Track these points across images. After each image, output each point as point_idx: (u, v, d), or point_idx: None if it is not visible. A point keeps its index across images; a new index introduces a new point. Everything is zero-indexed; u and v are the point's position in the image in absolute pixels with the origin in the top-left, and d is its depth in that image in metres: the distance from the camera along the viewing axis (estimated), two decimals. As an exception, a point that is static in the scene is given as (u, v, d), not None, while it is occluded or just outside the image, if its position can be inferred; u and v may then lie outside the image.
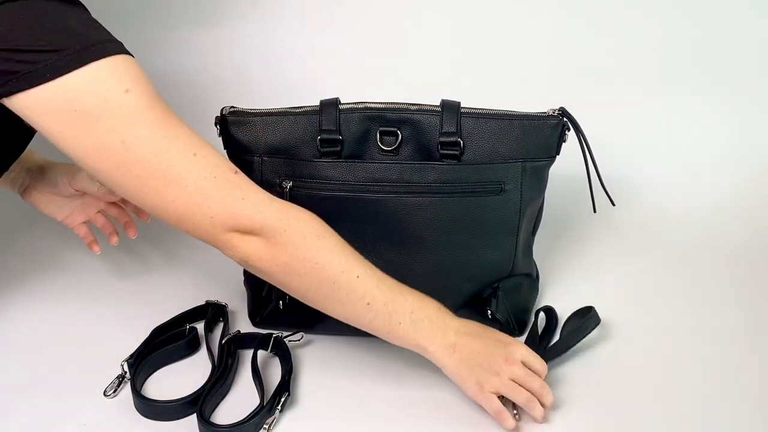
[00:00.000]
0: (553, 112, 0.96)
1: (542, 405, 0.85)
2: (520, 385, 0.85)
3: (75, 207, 1.08)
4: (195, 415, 0.85)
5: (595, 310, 0.98)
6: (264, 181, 0.95)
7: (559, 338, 0.97)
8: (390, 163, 0.93)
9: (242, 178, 0.83)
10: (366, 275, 0.84)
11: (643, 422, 0.86)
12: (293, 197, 0.93)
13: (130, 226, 1.11)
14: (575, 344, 0.96)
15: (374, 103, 0.96)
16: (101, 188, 1.05)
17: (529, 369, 0.86)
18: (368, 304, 0.83)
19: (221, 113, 0.96)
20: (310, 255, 0.82)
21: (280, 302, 0.99)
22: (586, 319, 0.97)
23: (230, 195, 0.80)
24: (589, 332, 0.97)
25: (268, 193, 0.83)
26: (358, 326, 0.86)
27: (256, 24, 1.36)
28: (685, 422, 0.86)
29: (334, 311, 0.85)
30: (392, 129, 0.95)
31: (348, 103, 0.96)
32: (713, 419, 0.87)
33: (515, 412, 0.85)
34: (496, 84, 1.36)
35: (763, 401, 0.89)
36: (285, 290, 0.86)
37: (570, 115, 0.95)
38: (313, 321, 0.99)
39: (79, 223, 1.10)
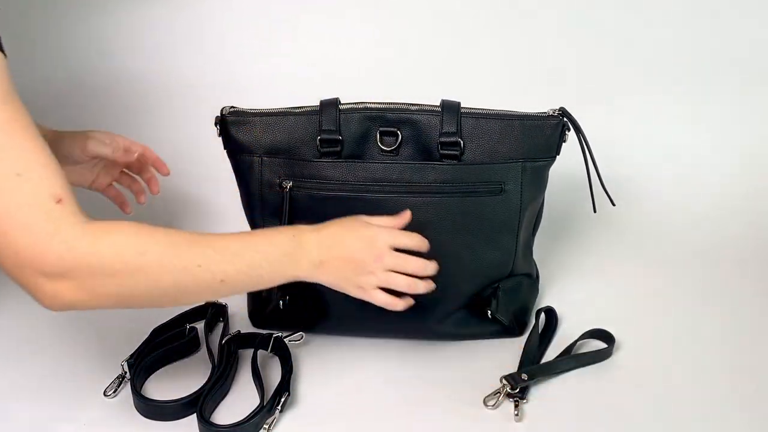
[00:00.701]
0: (554, 112, 0.96)
1: (429, 278, 0.86)
2: (390, 268, 0.85)
3: (98, 171, 1.06)
4: (195, 415, 0.85)
5: (613, 345, 0.97)
6: (264, 182, 0.95)
7: (569, 354, 0.96)
8: (390, 163, 0.93)
9: (62, 210, 0.73)
10: (208, 258, 0.80)
11: (643, 423, 0.86)
12: (293, 197, 0.93)
13: (141, 192, 1.09)
14: (578, 368, 0.95)
15: (374, 103, 0.96)
16: (116, 150, 1.03)
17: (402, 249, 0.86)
18: (222, 281, 0.81)
19: (221, 113, 0.96)
20: (140, 276, 0.76)
21: (281, 302, 0.99)
22: (601, 351, 0.97)
23: (41, 229, 0.71)
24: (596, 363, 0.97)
25: (85, 223, 0.74)
26: (223, 296, 0.85)
27: (256, 24, 1.36)
28: (685, 424, 0.86)
29: (193, 303, 0.84)
30: (392, 129, 0.95)
31: (348, 103, 0.96)
32: (713, 420, 0.86)
33: (516, 413, 0.86)
34: (497, 84, 1.35)
35: (762, 401, 0.89)
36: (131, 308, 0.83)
37: (570, 115, 0.95)
38: (314, 322, 0.99)
39: (107, 185, 1.08)
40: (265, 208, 0.96)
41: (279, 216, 0.95)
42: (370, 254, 0.85)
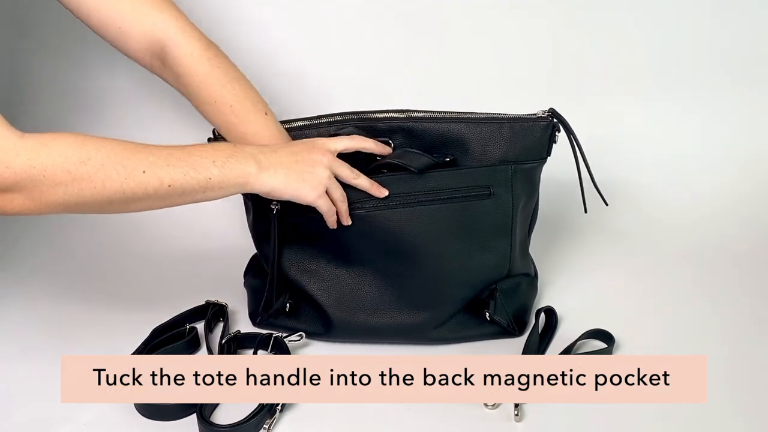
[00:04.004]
0: (543, 114, 0.96)
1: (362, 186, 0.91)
2: (335, 172, 0.90)
3: None
4: (195, 415, 0.85)
5: (613, 345, 0.97)
6: (255, 198, 0.94)
7: (569, 354, 0.96)
8: (377, 176, 0.92)
9: None
10: (152, 164, 0.82)
11: (643, 423, 0.86)
12: (284, 214, 0.93)
13: None
14: None
15: (365, 112, 0.97)
16: None
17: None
18: (169, 186, 0.83)
19: (214, 133, 0.97)
20: (84, 185, 0.79)
21: (287, 305, 0.99)
22: (601, 350, 0.97)
23: None
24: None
25: (16, 137, 0.77)
26: (176, 205, 0.86)
27: (246, 34, 1.34)
28: (684, 423, 0.86)
29: (142, 209, 0.85)
30: (383, 139, 0.95)
31: (337, 114, 0.96)
32: (712, 420, 0.86)
33: (516, 413, 0.86)
34: (490, 85, 1.36)
35: (762, 401, 0.90)
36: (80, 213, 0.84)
37: (560, 115, 0.95)
38: (316, 331, 0.99)
39: None
40: (263, 227, 0.96)
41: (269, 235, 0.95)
42: (316, 153, 0.89)
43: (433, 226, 0.93)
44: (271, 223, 0.94)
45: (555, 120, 0.95)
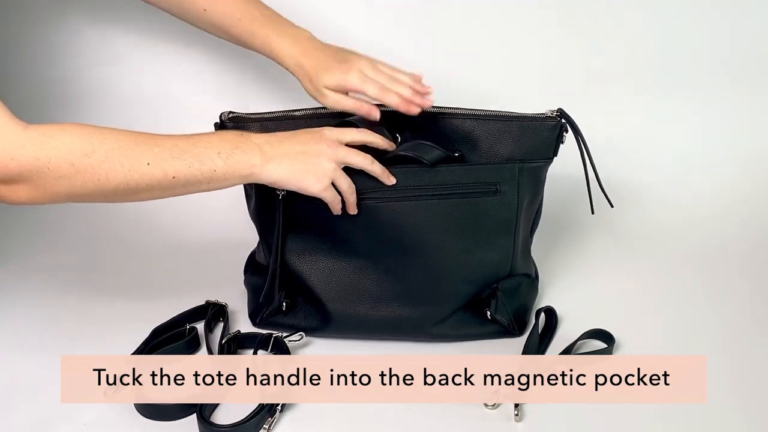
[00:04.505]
0: (552, 113, 0.96)
1: (376, 173, 0.90)
2: (344, 162, 0.89)
3: None
4: (195, 415, 0.85)
5: (613, 345, 0.97)
6: (261, 188, 0.94)
7: (569, 354, 0.96)
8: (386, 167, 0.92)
9: None
10: (156, 156, 0.82)
11: (643, 423, 0.86)
12: (288, 204, 0.93)
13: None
14: None
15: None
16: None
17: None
18: (173, 177, 0.82)
19: (220, 119, 0.97)
20: (87, 176, 0.79)
21: (283, 304, 0.99)
22: (601, 350, 0.97)
23: None
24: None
25: (21, 129, 0.78)
26: (180, 195, 0.86)
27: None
28: (684, 424, 0.86)
29: (147, 199, 0.85)
30: (390, 134, 0.95)
31: None
32: (712, 420, 0.86)
33: (516, 413, 0.86)
34: (495, 84, 1.35)
35: (761, 401, 0.90)
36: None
37: (568, 116, 0.95)
38: (314, 326, 0.99)
39: None
40: (268, 215, 0.96)
41: (274, 224, 0.94)
42: (323, 144, 0.88)
43: (438, 221, 0.93)
44: (275, 210, 0.94)
45: (563, 120, 0.95)
